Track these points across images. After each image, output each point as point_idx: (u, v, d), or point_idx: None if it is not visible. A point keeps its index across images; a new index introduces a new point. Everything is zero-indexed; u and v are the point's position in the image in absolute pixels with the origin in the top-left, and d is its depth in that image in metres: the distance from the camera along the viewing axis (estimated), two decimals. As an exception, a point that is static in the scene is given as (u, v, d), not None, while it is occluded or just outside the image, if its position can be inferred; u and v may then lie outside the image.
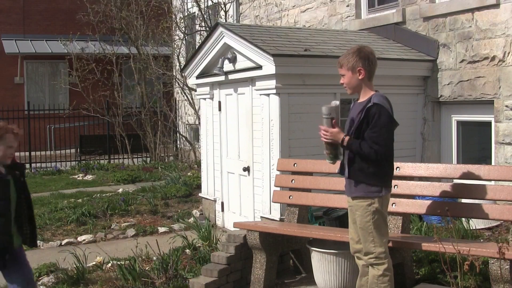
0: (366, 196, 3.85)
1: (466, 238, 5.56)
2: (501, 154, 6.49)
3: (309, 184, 5.41)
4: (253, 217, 6.91)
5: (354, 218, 4.00)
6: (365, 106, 3.83)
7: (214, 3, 12.18)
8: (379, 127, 3.76)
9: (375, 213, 3.84)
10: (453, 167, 4.90)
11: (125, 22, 14.38)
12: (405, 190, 4.67)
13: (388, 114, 3.81)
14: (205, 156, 8.21)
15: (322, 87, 6.61)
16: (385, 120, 3.78)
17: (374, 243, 3.86)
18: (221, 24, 7.27)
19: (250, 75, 6.80)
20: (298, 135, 6.46)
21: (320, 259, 4.79)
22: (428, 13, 7.36)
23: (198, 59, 7.89)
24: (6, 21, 19.10)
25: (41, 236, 7.62)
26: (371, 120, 3.78)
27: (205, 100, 8.17)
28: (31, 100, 17.35)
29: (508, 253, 3.58)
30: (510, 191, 4.18)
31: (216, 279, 5.04)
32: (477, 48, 6.75)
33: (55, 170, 13.89)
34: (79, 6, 15.27)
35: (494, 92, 6.56)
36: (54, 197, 10.07)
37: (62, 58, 17.56)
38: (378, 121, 3.76)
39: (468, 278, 4.60)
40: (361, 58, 3.88)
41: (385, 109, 3.79)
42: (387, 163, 3.91)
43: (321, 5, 9.44)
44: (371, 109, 3.78)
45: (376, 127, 3.76)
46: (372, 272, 3.90)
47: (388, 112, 3.81)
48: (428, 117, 7.41)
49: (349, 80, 3.94)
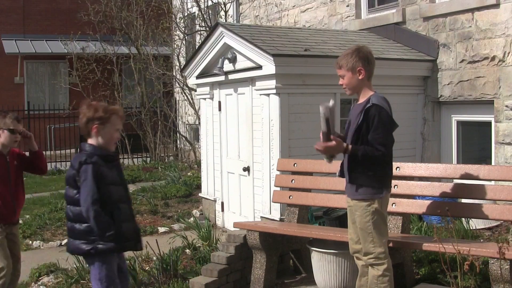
0: (367, 198, 3.85)
1: (466, 238, 5.55)
2: (501, 154, 6.49)
3: (309, 184, 5.41)
4: (253, 217, 6.91)
5: (354, 218, 4.00)
6: (364, 107, 3.81)
7: (214, 3, 12.18)
8: (382, 128, 3.75)
9: (375, 213, 3.84)
10: (453, 167, 4.90)
11: (125, 22, 14.37)
12: (405, 190, 4.67)
13: (388, 115, 3.80)
14: (205, 156, 8.20)
15: (322, 87, 6.61)
16: (385, 120, 3.77)
17: (374, 243, 3.85)
18: (221, 24, 7.27)
19: (250, 75, 6.80)
20: (298, 135, 6.46)
21: (320, 259, 4.79)
22: (428, 13, 7.36)
23: (198, 59, 7.89)
24: (6, 21, 19.09)
25: (41, 236, 7.63)
26: (371, 121, 3.76)
27: (205, 100, 8.17)
28: (31, 100, 17.35)
29: (508, 253, 3.57)
30: (510, 191, 4.18)
31: (216, 279, 5.04)
32: (477, 48, 6.75)
33: (55, 170, 13.91)
34: (79, 6, 15.26)
35: (494, 92, 6.56)
36: (54, 197, 10.07)
37: (62, 58, 17.54)
38: (379, 122, 3.74)
39: (468, 278, 4.59)
40: (361, 58, 3.87)
41: (384, 109, 3.78)
42: (387, 164, 3.91)
43: (321, 5, 9.43)
44: (370, 110, 3.77)
45: (379, 128, 3.74)
46: (372, 272, 3.90)
47: (387, 113, 3.80)
48: (428, 117, 7.40)
49: (349, 81, 3.91)
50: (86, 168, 3.60)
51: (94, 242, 3.64)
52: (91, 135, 3.72)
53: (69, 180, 3.73)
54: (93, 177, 3.58)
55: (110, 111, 3.73)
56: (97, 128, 3.68)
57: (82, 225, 3.66)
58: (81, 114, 3.73)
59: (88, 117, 3.69)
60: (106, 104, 3.85)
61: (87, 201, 3.56)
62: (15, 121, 4.70)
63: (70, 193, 3.73)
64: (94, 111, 3.68)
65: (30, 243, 7.37)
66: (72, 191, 3.70)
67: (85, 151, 3.71)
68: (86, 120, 3.70)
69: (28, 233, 7.71)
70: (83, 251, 3.71)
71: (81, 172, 3.61)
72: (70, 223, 3.77)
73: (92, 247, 3.65)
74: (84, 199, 3.57)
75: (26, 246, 7.29)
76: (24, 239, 7.53)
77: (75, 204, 3.68)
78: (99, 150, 3.71)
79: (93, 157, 3.65)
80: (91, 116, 3.68)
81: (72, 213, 3.72)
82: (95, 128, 3.68)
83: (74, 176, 3.66)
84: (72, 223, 3.74)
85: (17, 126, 4.70)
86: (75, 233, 3.72)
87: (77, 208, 3.66)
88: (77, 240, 3.71)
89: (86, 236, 3.66)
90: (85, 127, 3.72)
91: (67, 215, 3.80)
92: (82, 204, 3.59)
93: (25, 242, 7.42)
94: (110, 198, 3.65)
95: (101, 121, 3.68)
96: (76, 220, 3.70)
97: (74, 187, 3.69)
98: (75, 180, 3.67)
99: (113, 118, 3.73)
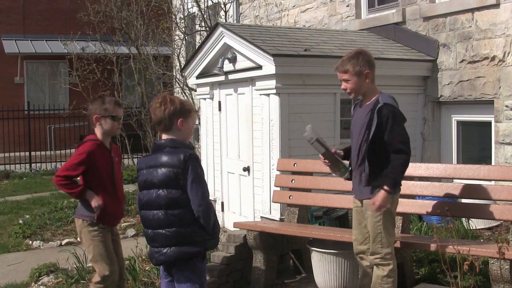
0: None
1: (466, 238, 5.55)
2: (501, 154, 6.49)
3: (309, 184, 5.41)
4: (253, 217, 6.91)
5: (360, 219, 4.00)
6: (374, 107, 3.80)
7: (214, 3, 12.17)
8: (398, 127, 3.75)
9: (386, 213, 3.83)
10: (453, 167, 4.91)
11: (125, 22, 14.37)
12: (405, 190, 4.64)
13: (400, 112, 3.83)
14: (205, 156, 8.20)
15: (322, 87, 6.61)
16: (400, 118, 3.80)
17: (382, 243, 3.85)
18: (221, 24, 7.27)
19: (250, 75, 6.80)
20: (298, 135, 6.44)
21: (320, 259, 4.79)
22: (428, 13, 7.36)
23: (198, 59, 7.89)
24: (6, 21, 19.08)
25: (41, 236, 7.63)
26: (384, 121, 3.75)
27: (205, 100, 8.17)
28: (31, 100, 17.35)
29: (508, 253, 3.58)
30: (510, 191, 4.18)
31: (216, 279, 5.03)
32: (477, 48, 6.75)
33: (55, 170, 13.90)
34: (79, 6, 15.25)
35: (494, 92, 6.56)
36: (54, 197, 10.09)
37: (62, 58, 17.54)
38: (394, 121, 3.75)
39: (468, 278, 4.59)
40: (366, 61, 3.87)
41: (396, 108, 3.82)
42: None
43: (321, 5, 9.43)
44: (383, 110, 3.76)
45: (396, 128, 3.74)
46: (377, 272, 3.89)
47: (399, 111, 3.83)
48: (428, 117, 7.40)
49: (355, 85, 3.88)
50: (195, 165, 3.38)
51: (202, 242, 3.43)
52: (171, 129, 3.50)
53: (167, 181, 3.40)
54: (202, 173, 3.41)
55: (192, 107, 3.63)
56: (182, 122, 3.50)
57: (191, 227, 3.39)
58: (160, 107, 3.48)
59: (174, 111, 3.48)
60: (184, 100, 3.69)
61: (205, 198, 3.38)
62: (116, 106, 4.24)
63: (169, 195, 3.40)
64: (181, 105, 3.51)
65: (30, 243, 7.37)
66: (172, 192, 3.39)
67: (171, 147, 3.46)
68: (170, 113, 3.47)
69: (28, 233, 7.72)
70: (192, 254, 3.43)
71: (188, 169, 3.35)
72: (172, 229, 3.40)
73: (202, 248, 3.44)
74: (201, 196, 3.36)
75: (26, 246, 7.30)
76: (24, 239, 7.54)
77: (178, 206, 3.40)
78: (184, 143, 3.51)
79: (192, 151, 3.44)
80: (177, 110, 3.49)
81: (176, 216, 3.39)
82: (180, 122, 3.49)
83: (177, 174, 3.36)
84: (175, 228, 3.40)
85: (118, 112, 4.25)
86: (181, 237, 3.40)
87: (180, 210, 3.39)
88: (184, 244, 3.40)
89: (194, 238, 3.41)
90: (168, 120, 3.47)
91: (160, 221, 3.42)
92: (199, 203, 3.35)
93: (25, 242, 7.43)
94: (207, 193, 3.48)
95: (186, 115, 3.52)
96: (182, 223, 3.39)
97: (174, 187, 3.39)
98: (177, 180, 3.38)
99: (193, 113, 3.60)
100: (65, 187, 4.18)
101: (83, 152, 4.15)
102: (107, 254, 4.17)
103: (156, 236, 3.47)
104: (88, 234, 4.19)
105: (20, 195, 10.90)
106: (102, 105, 4.21)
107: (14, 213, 9.21)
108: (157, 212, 3.44)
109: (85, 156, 4.13)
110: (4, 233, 8.01)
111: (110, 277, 4.15)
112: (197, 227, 3.41)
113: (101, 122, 4.22)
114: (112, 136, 4.39)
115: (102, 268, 4.14)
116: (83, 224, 4.21)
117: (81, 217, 4.24)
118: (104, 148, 4.26)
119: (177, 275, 3.50)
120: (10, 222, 8.62)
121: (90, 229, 4.18)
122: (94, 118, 4.22)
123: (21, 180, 13.05)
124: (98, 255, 4.15)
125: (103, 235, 4.20)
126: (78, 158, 4.14)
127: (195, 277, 3.46)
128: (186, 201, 3.39)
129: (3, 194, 11.10)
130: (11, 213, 9.25)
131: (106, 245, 4.19)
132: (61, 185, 4.17)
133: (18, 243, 7.42)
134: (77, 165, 4.13)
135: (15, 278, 5.99)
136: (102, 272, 4.14)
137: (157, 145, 3.54)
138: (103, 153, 4.23)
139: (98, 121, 4.22)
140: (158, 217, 3.44)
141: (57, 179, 4.16)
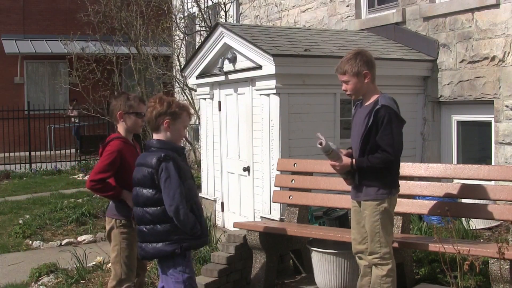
0: (377, 198, 3.85)
1: (466, 238, 5.56)
2: (501, 154, 6.49)
3: (309, 184, 5.41)
4: (253, 217, 6.91)
5: (358, 219, 4.00)
6: (372, 108, 3.80)
7: (214, 3, 12.17)
8: (390, 129, 3.75)
9: (384, 213, 3.84)
10: (453, 167, 4.90)
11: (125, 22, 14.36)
12: (405, 190, 4.65)
13: (396, 115, 3.80)
14: (205, 156, 8.21)
15: (322, 87, 6.61)
16: (394, 121, 3.77)
17: (380, 243, 3.85)
18: (221, 24, 7.27)
19: (250, 75, 6.80)
20: (298, 135, 6.46)
21: (320, 259, 4.79)
22: (428, 13, 7.36)
23: (198, 59, 7.89)
24: (6, 21, 19.10)
25: (41, 236, 7.63)
26: (380, 122, 3.75)
27: (205, 100, 8.17)
28: (31, 100, 17.35)
29: (508, 253, 3.58)
30: (510, 191, 4.18)
31: (216, 279, 5.03)
32: (477, 48, 6.75)
33: (55, 170, 13.92)
34: (79, 6, 15.25)
35: (494, 92, 6.56)
36: (54, 197, 10.09)
37: (62, 58, 17.56)
38: (388, 123, 3.74)
39: (468, 278, 4.60)
40: (365, 62, 3.86)
41: (393, 110, 3.79)
42: (397, 164, 3.90)
43: (321, 5, 9.44)
44: (380, 112, 3.76)
45: (387, 130, 3.74)
46: (376, 272, 3.89)
47: (396, 113, 3.80)
48: (428, 117, 7.40)
49: (355, 86, 3.88)
50: (167, 165, 3.47)
51: (179, 241, 3.51)
52: (159, 130, 3.62)
53: (144, 180, 3.56)
54: (177, 173, 3.47)
55: (183, 108, 3.66)
56: (168, 123, 3.59)
57: (166, 225, 3.51)
58: (150, 108, 3.61)
59: (160, 111, 3.58)
60: (178, 101, 3.75)
61: (176, 198, 3.44)
62: (141, 102, 4.20)
63: (145, 194, 3.56)
64: (167, 106, 3.59)
65: (30, 243, 7.37)
66: (148, 191, 3.55)
67: (155, 147, 3.59)
68: (157, 114, 3.58)
69: (28, 233, 7.72)
70: (167, 253, 3.53)
71: (162, 169, 3.47)
72: (149, 226, 3.56)
73: (177, 247, 3.52)
74: (172, 197, 3.44)
75: (26, 246, 7.30)
76: (24, 239, 7.54)
77: (154, 205, 3.53)
78: (169, 144, 3.61)
79: (168, 152, 3.52)
80: (163, 111, 3.58)
81: (151, 214, 3.54)
82: (167, 123, 3.59)
83: (152, 175, 3.50)
84: (151, 225, 3.55)
85: (142, 108, 4.18)
86: (157, 235, 3.53)
87: (157, 208, 3.52)
88: (160, 242, 3.53)
89: (170, 236, 3.51)
90: (154, 120, 3.60)
91: (142, 218, 3.59)
92: (170, 203, 3.44)
93: (25, 242, 7.43)
94: (190, 193, 3.56)
95: (173, 117, 3.60)
96: (157, 221, 3.53)
97: (150, 186, 3.53)
98: (152, 179, 3.52)
99: (184, 115, 3.66)
100: (100, 191, 4.05)
101: (113, 151, 4.04)
102: (129, 259, 4.08)
103: (139, 232, 3.66)
104: (118, 235, 4.08)
105: (20, 195, 10.91)
106: (127, 101, 4.15)
107: (14, 213, 9.21)
108: (140, 209, 3.62)
109: (116, 154, 4.03)
110: (4, 233, 8.01)
111: (126, 282, 4.07)
112: (174, 226, 3.51)
113: (125, 118, 4.16)
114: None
115: (120, 271, 4.06)
116: (116, 224, 4.10)
117: (114, 217, 4.11)
118: (130, 145, 4.21)
119: (161, 271, 3.67)
120: (10, 222, 8.62)
121: (122, 230, 4.07)
122: (118, 114, 4.16)
123: (21, 180, 13.05)
124: (120, 258, 4.07)
125: (132, 239, 4.05)
126: (110, 158, 4.02)
127: (178, 274, 3.57)
128: (162, 200, 3.51)
129: (3, 194, 11.10)
130: (11, 213, 9.25)
131: (131, 250, 4.08)
132: (96, 189, 4.04)
133: (18, 243, 7.43)
134: (109, 165, 4.01)
135: (15, 278, 5.99)
136: (119, 276, 4.06)
137: (145, 145, 3.70)
138: (130, 150, 4.16)
139: (121, 118, 4.17)
140: (138, 214, 3.63)
141: (92, 184, 4.00)
